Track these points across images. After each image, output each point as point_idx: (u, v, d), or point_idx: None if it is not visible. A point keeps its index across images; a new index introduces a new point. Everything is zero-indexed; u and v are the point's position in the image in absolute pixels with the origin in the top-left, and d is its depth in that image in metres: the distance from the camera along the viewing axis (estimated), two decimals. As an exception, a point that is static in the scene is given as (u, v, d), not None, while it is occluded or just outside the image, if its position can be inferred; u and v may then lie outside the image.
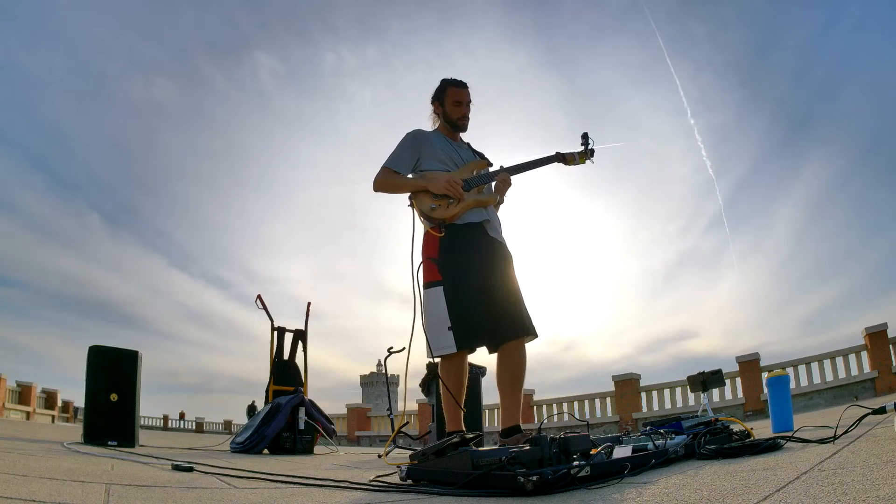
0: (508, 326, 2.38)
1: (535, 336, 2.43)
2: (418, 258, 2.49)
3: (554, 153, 2.65)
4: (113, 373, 4.73)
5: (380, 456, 4.33)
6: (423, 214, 2.47)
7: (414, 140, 2.58)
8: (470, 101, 2.65)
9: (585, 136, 2.65)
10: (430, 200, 2.46)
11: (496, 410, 14.62)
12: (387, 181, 2.52)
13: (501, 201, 2.67)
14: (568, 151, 2.65)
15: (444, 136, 2.65)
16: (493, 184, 2.61)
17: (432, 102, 2.69)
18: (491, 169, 2.64)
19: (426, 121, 2.72)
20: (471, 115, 2.68)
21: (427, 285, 2.43)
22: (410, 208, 2.53)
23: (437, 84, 2.69)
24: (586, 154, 2.65)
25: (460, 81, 2.66)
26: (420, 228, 2.53)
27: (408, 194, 2.52)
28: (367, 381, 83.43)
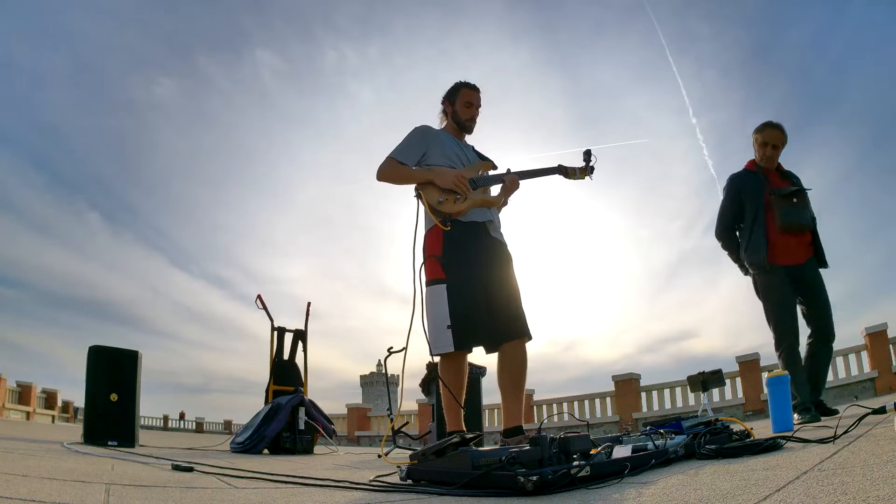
0: (507, 327, 2.39)
1: (530, 338, 2.43)
2: (420, 252, 2.49)
3: (556, 165, 2.69)
4: (113, 373, 4.72)
5: (380, 456, 4.33)
6: (430, 207, 2.47)
7: (422, 134, 2.59)
8: (480, 105, 2.68)
9: (588, 154, 2.69)
10: (438, 194, 2.46)
11: (496, 410, 14.60)
12: (392, 171, 2.52)
13: (505, 203, 2.68)
14: (570, 166, 2.69)
15: (451, 135, 2.67)
16: (500, 186, 2.62)
17: (443, 102, 2.72)
18: (493, 172, 2.65)
19: (429, 118, 2.74)
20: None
21: (430, 283, 2.43)
22: (416, 199, 2.53)
23: (441, 83, 2.75)
24: (586, 170, 2.68)
25: (474, 85, 2.69)
26: (423, 223, 2.54)
27: (413, 186, 2.53)
28: (367, 381, 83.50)
